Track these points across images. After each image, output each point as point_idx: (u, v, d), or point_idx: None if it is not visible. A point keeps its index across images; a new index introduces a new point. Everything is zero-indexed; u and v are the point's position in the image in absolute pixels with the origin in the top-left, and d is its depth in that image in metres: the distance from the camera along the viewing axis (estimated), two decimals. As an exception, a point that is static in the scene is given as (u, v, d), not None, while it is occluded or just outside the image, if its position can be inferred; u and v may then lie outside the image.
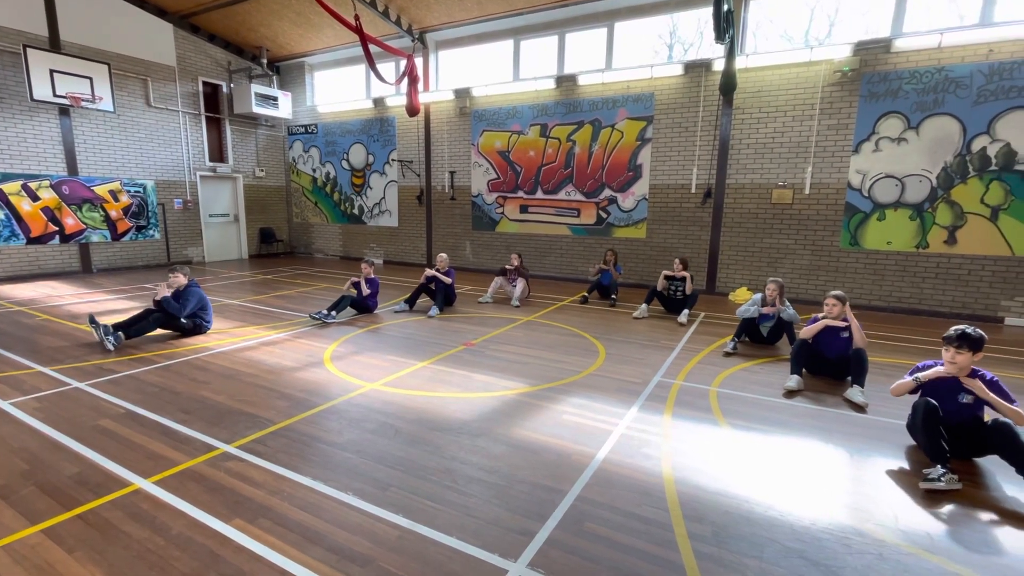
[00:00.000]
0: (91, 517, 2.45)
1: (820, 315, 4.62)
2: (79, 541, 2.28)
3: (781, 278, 6.55)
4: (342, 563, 2.15)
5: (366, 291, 6.89)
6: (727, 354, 5.27)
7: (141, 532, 2.34)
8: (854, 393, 4.05)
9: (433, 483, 2.78)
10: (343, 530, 2.37)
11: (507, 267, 8.14)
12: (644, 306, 7.06)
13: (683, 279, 7.05)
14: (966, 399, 3.09)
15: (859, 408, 3.94)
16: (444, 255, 7.46)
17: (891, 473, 2.99)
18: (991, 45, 6.62)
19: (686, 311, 6.72)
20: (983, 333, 3.06)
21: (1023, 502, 2.71)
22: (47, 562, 2.15)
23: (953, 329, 3.09)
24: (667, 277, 7.14)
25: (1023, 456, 2.75)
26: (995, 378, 3.08)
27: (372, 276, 6.96)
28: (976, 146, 6.83)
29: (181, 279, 5.62)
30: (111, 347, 5.07)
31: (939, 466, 2.81)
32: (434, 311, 6.93)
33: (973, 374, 3.09)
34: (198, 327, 5.71)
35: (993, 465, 3.06)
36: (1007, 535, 2.43)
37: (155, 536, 2.32)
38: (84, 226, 10.04)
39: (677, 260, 7.16)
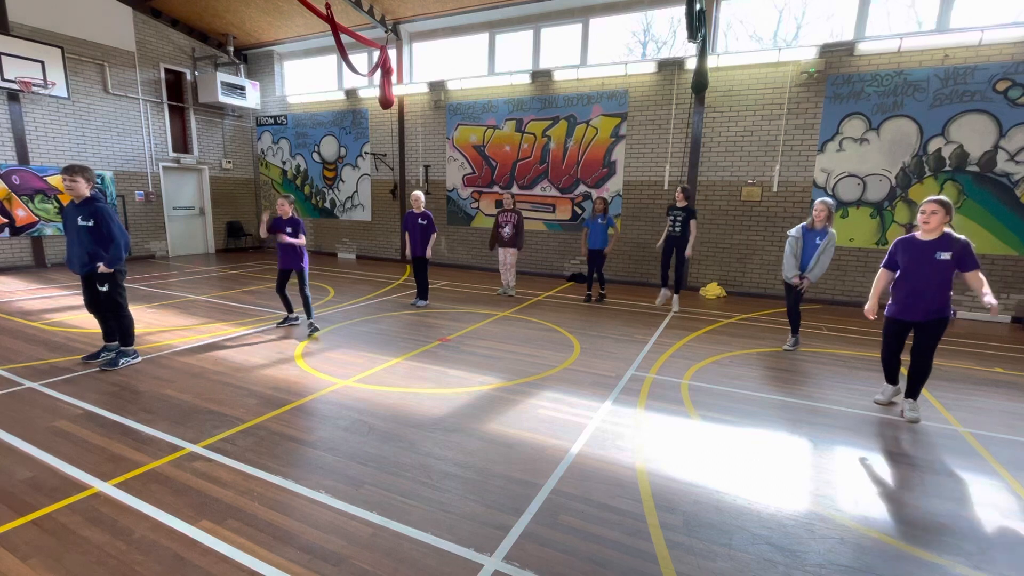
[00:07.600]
0: (46, 523, 2.34)
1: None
2: (34, 548, 2.18)
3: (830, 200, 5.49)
4: (314, 562, 2.12)
5: (287, 239, 5.38)
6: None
7: (101, 537, 2.25)
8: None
9: (407, 479, 2.76)
10: (315, 529, 2.33)
11: (501, 211, 7.66)
12: (664, 290, 7.34)
13: (684, 210, 6.82)
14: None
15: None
16: (418, 193, 6.86)
17: (852, 460, 3.11)
18: (946, 50, 6.91)
19: (676, 298, 7.28)
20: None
21: (972, 483, 2.87)
22: (-2, 571, 2.05)
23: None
24: (669, 209, 7.00)
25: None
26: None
27: (294, 216, 5.49)
28: (932, 147, 7.13)
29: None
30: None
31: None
32: (420, 302, 7.04)
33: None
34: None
35: (947, 451, 3.22)
36: (957, 516, 2.57)
37: (116, 541, 2.23)
38: (37, 218, 9.53)
39: (679, 189, 6.94)
